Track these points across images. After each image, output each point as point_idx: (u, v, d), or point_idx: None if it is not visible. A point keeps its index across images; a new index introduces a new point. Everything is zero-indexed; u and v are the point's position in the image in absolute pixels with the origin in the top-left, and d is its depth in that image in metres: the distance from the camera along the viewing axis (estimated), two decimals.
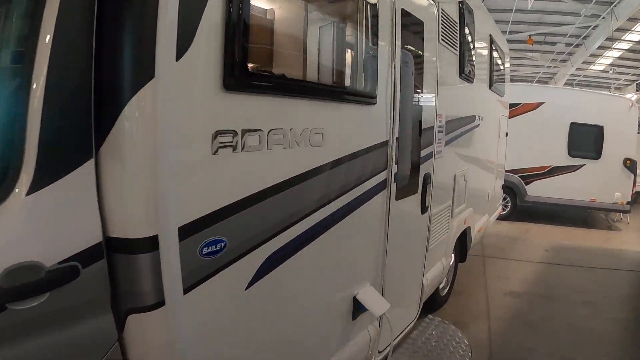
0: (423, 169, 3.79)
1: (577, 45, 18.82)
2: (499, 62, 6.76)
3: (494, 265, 7.25)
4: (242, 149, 1.94)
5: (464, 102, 5.08)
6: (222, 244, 1.89)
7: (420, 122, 3.67)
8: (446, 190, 4.69)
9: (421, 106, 3.69)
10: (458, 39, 4.52)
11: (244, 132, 1.94)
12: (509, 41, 8.03)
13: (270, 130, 2.09)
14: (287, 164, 2.25)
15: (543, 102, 10.23)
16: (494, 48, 6.20)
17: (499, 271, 6.98)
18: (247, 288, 2.09)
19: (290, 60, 2.35)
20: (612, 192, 10.06)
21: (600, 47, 18.03)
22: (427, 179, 3.85)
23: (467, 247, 5.89)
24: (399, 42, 3.17)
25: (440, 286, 5.30)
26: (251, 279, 2.10)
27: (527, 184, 10.44)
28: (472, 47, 5.06)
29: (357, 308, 3.05)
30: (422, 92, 3.68)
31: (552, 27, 16.67)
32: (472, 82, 5.11)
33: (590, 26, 16.21)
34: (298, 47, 2.44)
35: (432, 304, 5.13)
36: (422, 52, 3.66)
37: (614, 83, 23.38)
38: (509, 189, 10.24)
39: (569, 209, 10.69)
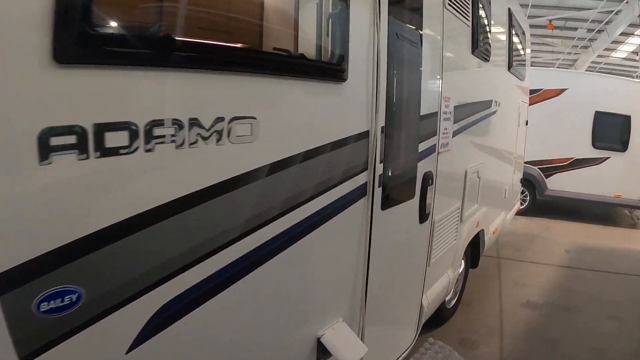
0: (422, 167, 2.88)
1: (599, 31, 17.51)
2: (519, 42, 5.76)
3: (509, 269, 6.30)
4: (98, 154, 1.17)
5: (477, 84, 4.12)
6: (75, 296, 1.21)
7: (418, 107, 2.75)
8: (454, 191, 3.78)
9: (419, 86, 2.75)
10: (470, 6, 3.57)
11: (99, 128, 1.17)
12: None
13: (151, 123, 1.28)
14: (187, 173, 1.42)
15: (566, 89, 9.12)
16: (513, 25, 5.21)
17: (515, 276, 6.03)
18: (129, 351, 1.37)
19: (185, 13, 1.46)
20: (638, 188, 8.96)
21: (622, 34, 16.73)
22: (428, 179, 2.94)
23: (479, 252, 4.99)
24: None
25: (447, 298, 4.43)
26: (135, 338, 1.37)
27: (547, 177, 9.37)
28: (488, 18, 4.10)
29: (324, 352, 2.21)
30: (420, 68, 2.75)
31: (573, 11, 15.45)
32: (488, 61, 4.16)
33: (612, 11, 14.97)
34: None
35: (437, 317, 4.27)
36: (421, 16, 2.73)
37: (637, 71, 21.99)
38: (528, 182, 9.20)
39: (591, 204, 9.58)
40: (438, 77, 2.99)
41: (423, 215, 2.98)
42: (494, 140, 4.98)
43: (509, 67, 5.10)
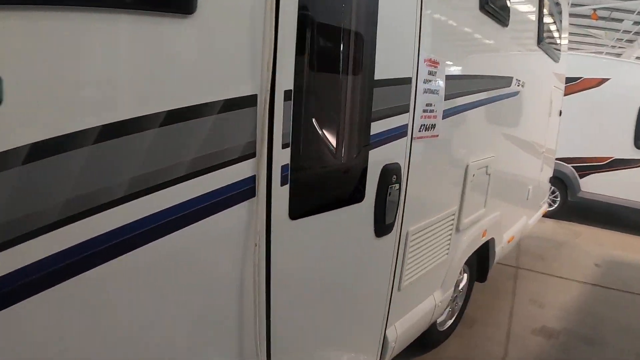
0: (380, 157, 1.90)
1: None
2: (552, 14, 4.62)
3: (527, 282, 5.21)
4: None
5: (488, 52, 3.06)
6: None
7: (370, 66, 1.76)
8: (446, 192, 2.77)
9: (372, 36, 1.74)
10: None
11: None
12: (570, 15, 5.84)
13: None
14: None
15: (608, 79, 7.78)
16: None
17: (533, 292, 4.94)
18: None
19: None
20: None
21: None
22: (391, 174, 1.96)
23: (488, 264, 3.96)
24: None
25: (439, 320, 3.47)
26: None
27: (581, 176, 8.07)
28: None
29: None
30: (375, 10, 1.74)
31: (620, 1, 13.93)
32: (506, 26, 3.10)
33: None
34: None
35: (425, 340, 3.33)
36: None
37: None
38: (559, 181, 7.97)
39: (629, 211, 8.14)
40: (412, 27, 1.98)
41: (382, 226, 2.00)
42: (514, 128, 3.92)
43: (539, 41, 3.98)
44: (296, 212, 1.53)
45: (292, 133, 1.45)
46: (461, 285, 3.77)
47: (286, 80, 1.38)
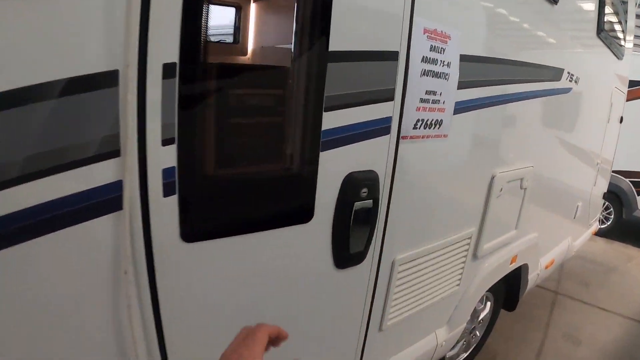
0: (338, 163, 1.33)
1: None
2: (618, 10, 3.85)
3: (565, 312, 4.48)
4: None
5: (527, 32, 2.38)
6: None
7: (320, 30, 1.17)
8: (456, 210, 2.15)
9: None
10: None
11: None
12: (637, 17, 5.04)
13: None
14: None
15: None
16: None
17: (570, 324, 4.21)
18: None
19: None
20: None
21: None
22: (359, 187, 1.39)
23: (518, 293, 3.32)
24: None
25: (449, 354, 2.89)
26: None
27: (639, 193, 7.20)
28: None
29: None
30: None
31: None
32: (555, 2, 2.44)
33: None
34: None
35: None
36: None
37: None
38: (614, 196, 7.05)
39: None
40: None
41: (345, 255, 1.44)
42: (563, 133, 3.23)
43: (599, 30, 3.27)
44: (192, 232, 1.03)
45: (179, 124, 0.94)
46: (482, 316, 3.16)
47: (167, 48, 0.89)
